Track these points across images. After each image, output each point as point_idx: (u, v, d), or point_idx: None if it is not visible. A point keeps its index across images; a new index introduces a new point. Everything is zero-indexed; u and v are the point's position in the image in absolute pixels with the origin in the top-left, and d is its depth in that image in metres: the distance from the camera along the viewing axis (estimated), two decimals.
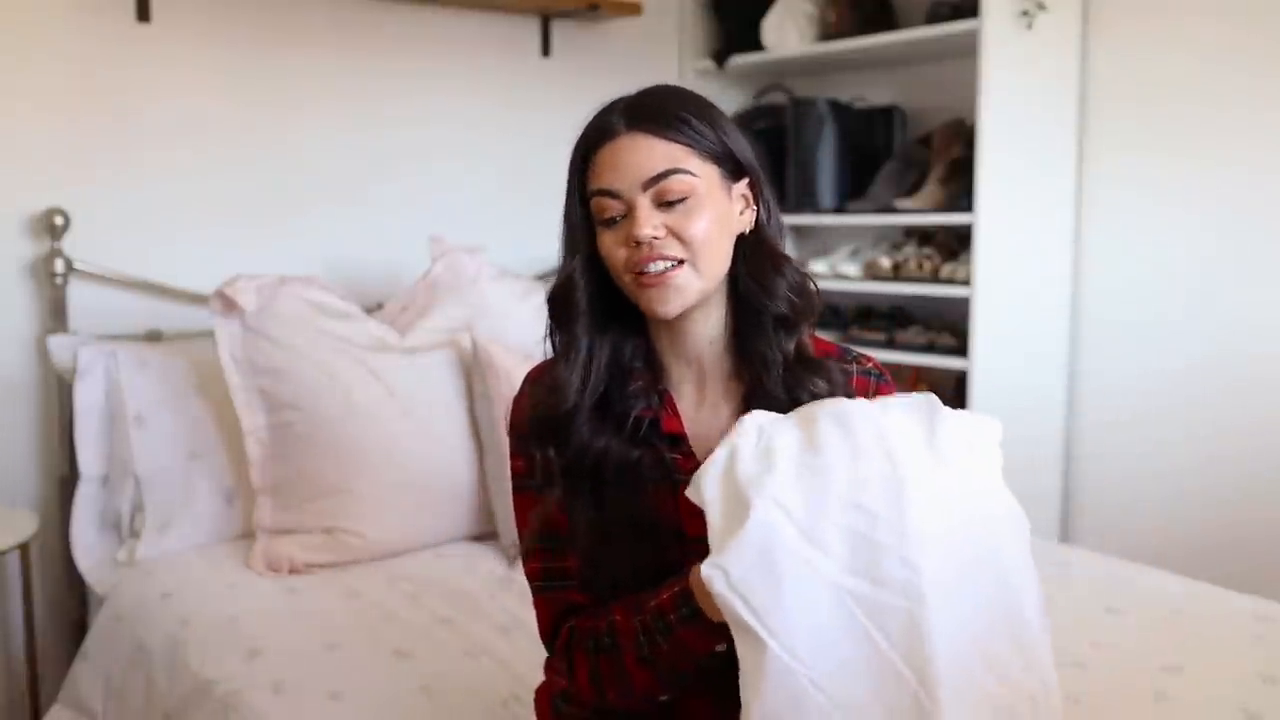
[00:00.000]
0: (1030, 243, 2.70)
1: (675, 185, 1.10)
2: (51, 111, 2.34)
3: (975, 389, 2.64)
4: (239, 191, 2.55)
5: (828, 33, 2.96)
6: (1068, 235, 2.77)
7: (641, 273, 1.10)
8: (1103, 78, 2.71)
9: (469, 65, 2.87)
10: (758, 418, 1.05)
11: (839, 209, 2.97)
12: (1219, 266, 2.56)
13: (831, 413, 1.04)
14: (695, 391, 1.21)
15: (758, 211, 1.18)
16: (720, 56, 3.16)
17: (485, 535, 2.30)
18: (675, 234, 1.10)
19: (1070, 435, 2.85)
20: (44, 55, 2.32)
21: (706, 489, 1.01)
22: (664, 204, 1.10)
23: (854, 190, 2.98)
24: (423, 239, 2.62)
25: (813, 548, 0.96)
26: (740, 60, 3.11)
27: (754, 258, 1.16)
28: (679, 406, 1.20)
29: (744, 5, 3.14)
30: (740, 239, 1.17)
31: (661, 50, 3.20)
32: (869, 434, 1.01)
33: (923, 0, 2.85)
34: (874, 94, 3.13)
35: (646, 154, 1.10)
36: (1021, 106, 2.62)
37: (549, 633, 1.21)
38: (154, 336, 2.42)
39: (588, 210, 1.14)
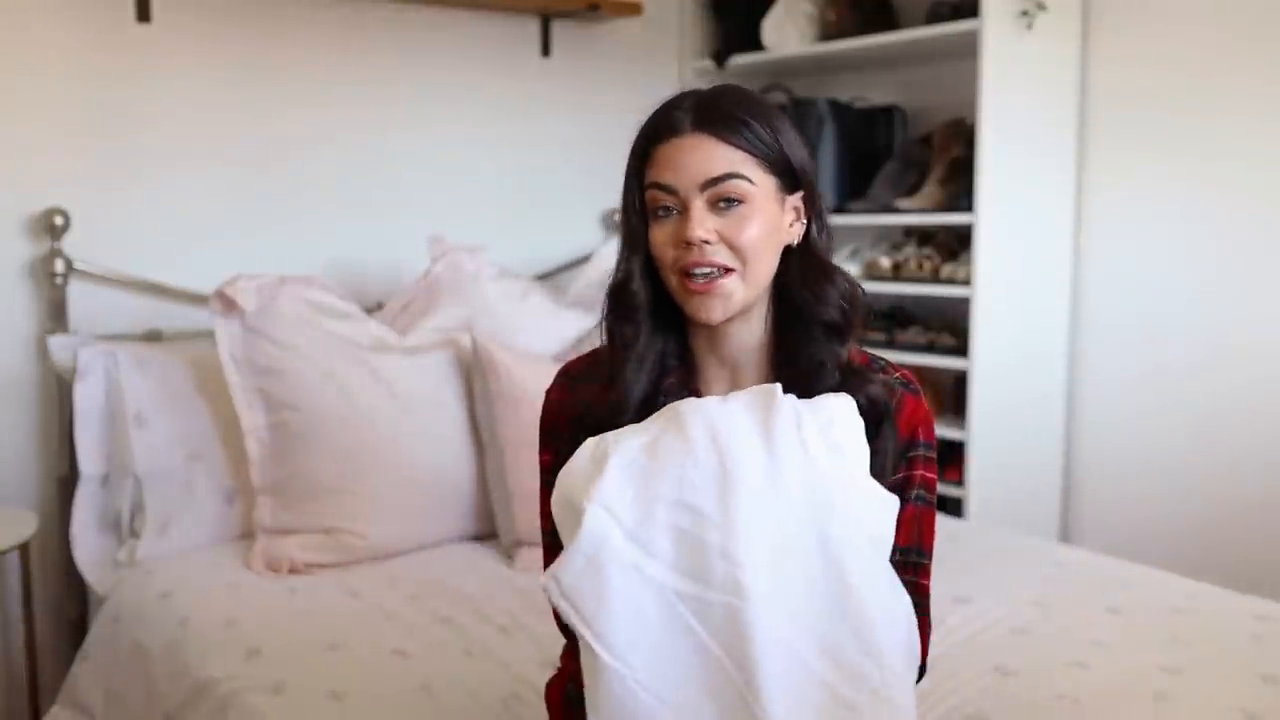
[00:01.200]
0: (1030, 243, 2.70)
1: (732, 189, 1.10)
2: (51, 111, 2.34)
3: (975, 389, 2.64)
4: (239, 191, 2.55)
5: (828, 33, 2.96)
6: (1068, 235, 2.78)
7: (689, 275, 1.11)
8: (1102, 78, 2.71)
9: (469, 65, 2.87)
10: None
11: (839, 209, 2.96)
12: (1219, 266, 2.56)
13: (669, 413, 1.06)
14: (727, 394, 1.21)
15: (808, 225, 1.18)
16: (720, 56, 3.16)
17: (485, 535, 2.30)
18: (726, 240, 1.10)
19: (1070, 435, 2.85)
20: (44, 55, 2.32)
21: (552, 503, 1.05)
22: (718, 207, 1.11)
23: (854, 190, 2.98)
24: (423, 239, 2.62)
25: (640, 550, 0.98)
26: (740, 60, 3.11)
27: (805, 267, 1.16)
28: None
29: (744, 5, 3.14)
30: (787, 250, 1.17)
31: (661, 50, 3.20)
32: (701, 431, 1.02)
33: (923, 0, 2.85)
34: (874, 94, 3.13)
35: (708, 155, 1.10)
36: (1021, 106, 2.62)
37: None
38: (154, 336, 2.42)
39: (644, 203, 1.15)
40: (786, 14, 3.00)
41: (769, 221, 1.12)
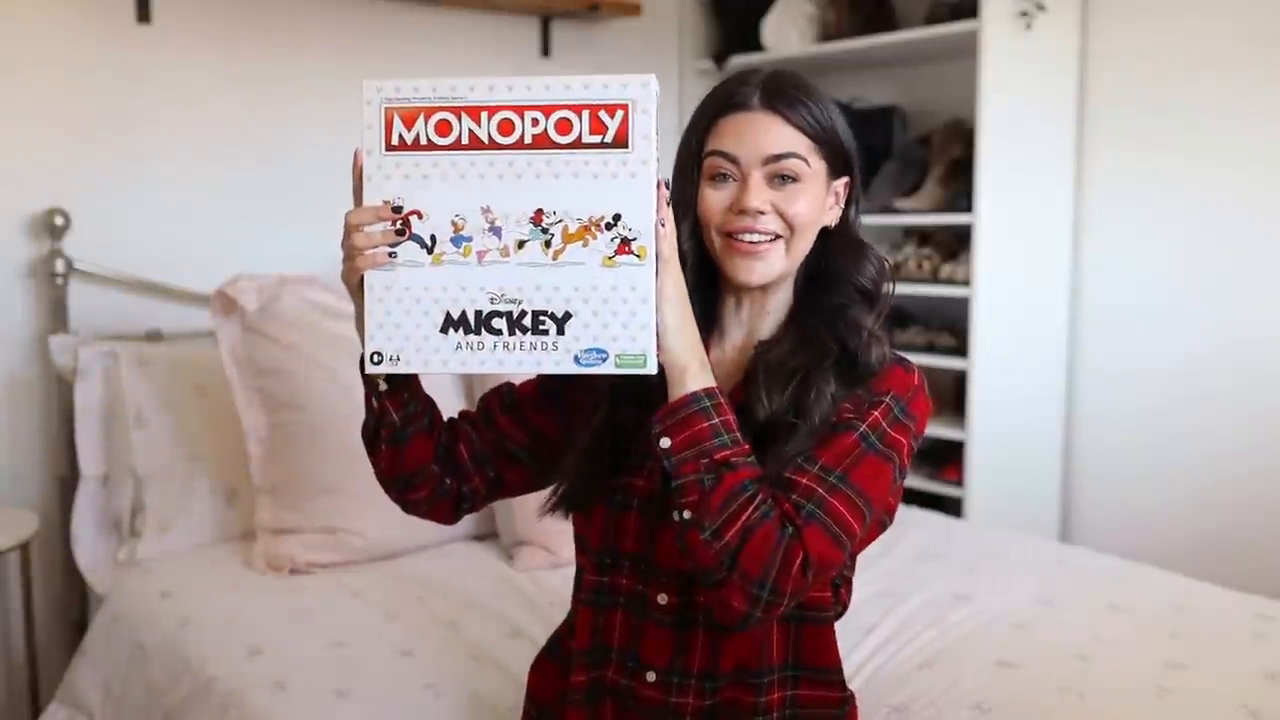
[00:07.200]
0: (1030, 243, 2.71)
1: (791, 167, 1.15)
2: (52, 111, 2.34)
3: (975, 389, 2.64)
4: (239, 191, 2.55)
5: (827, 33, 2.97)
6: (1067, 235, 2.78)
7: (738, 239, 1.15)
8: (1102, 78, 2.72)
9: (469, 65, 2.87)
10: None
11: None
12: (1218, 265, 2.56)
13: None
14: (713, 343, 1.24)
15: (846, 209, 1.24)
16: (720, 56, 3.16)
17: (486, 535, 2.30)
18: (779, 212, 1.15)
19: (1070, 434, 2.85)
20: (44, 55, 2.32)
21: None
22: (774, 181, 1.15)
23: None
24: None
25: None
26: (740, 60, 3.11)
27: (843, 245, 1.23)
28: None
29: (744, 5, 3.14)
30: (824, 231, 1.22)
31: (661, 50, 3.21)
32: None
33: (923, 0, 2.86)
34: (874, 94, 3.13)
35: (774, 133, 1.15)
36: (1021, 106, 2.62)
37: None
38: (154, 336, 2.42)
39: (700, 169, 1.18)
40: (786, 14, 3.01)
41: (817, 201, 1.18)
